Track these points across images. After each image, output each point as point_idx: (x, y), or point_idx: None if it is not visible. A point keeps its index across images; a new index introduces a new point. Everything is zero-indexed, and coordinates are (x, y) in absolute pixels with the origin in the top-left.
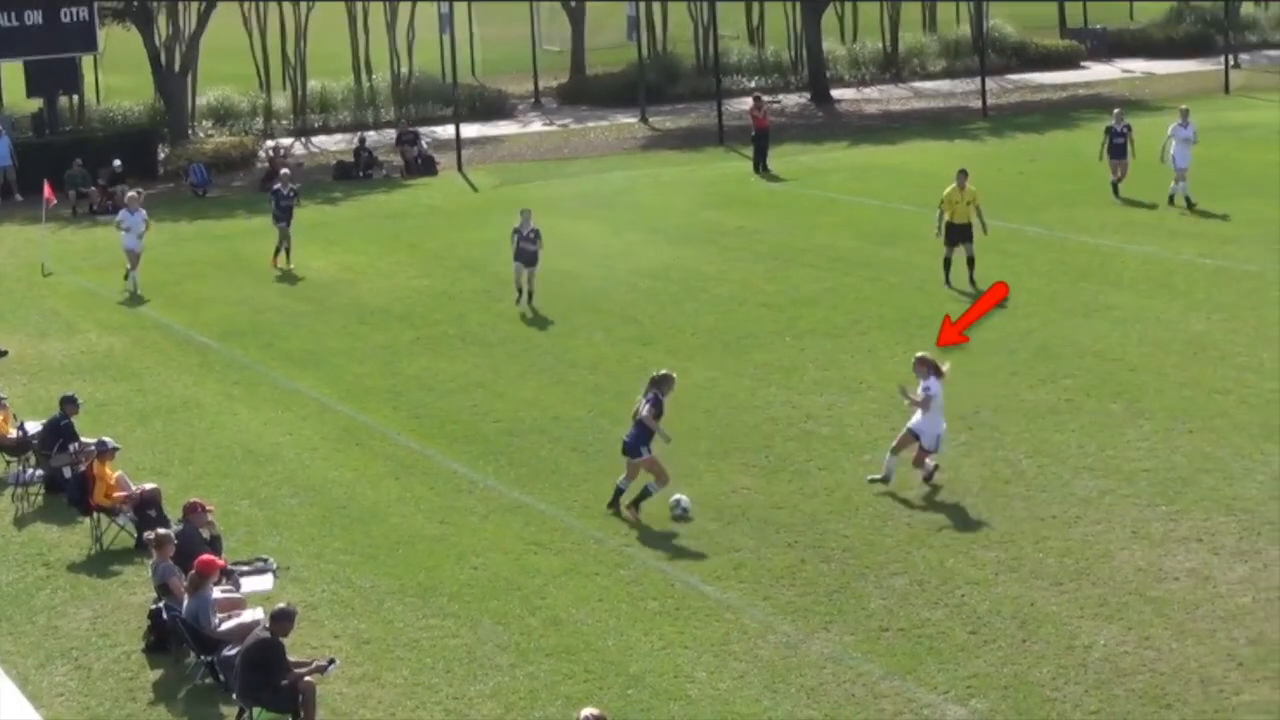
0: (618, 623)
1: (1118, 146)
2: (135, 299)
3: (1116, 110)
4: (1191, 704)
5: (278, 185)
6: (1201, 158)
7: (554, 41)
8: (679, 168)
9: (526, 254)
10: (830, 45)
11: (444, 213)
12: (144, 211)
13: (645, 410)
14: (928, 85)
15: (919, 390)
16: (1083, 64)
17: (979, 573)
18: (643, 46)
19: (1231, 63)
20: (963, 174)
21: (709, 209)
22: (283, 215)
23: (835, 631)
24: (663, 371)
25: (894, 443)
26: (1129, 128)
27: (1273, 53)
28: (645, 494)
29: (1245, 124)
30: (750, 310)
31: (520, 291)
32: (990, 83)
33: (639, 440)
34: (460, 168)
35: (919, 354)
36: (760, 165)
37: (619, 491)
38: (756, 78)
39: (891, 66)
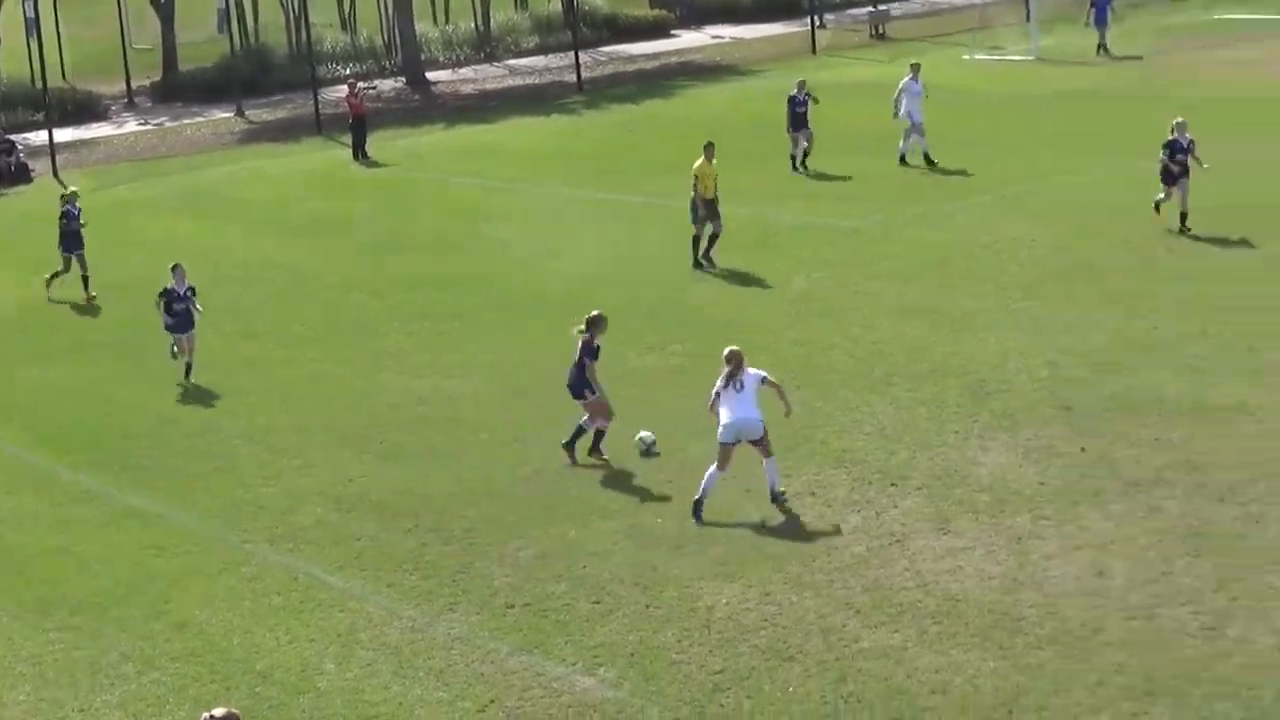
0: (243, 621)
1: (799, 116)
2: None
3: (800, 80)
4: (813, 654)
5: (68, 206)
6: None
7: (144, 39)
8: (278, 159)
9: (182, 318)
10: (423, 28)
11: (41, 220)
12: None
13: (586, 361)
14: (522, 62)
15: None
16: (673, 32)
17: (600, 543)
18: (234, 39)
19: (817, 24)
20: (710, 146)
21: (311, 199)
22: (74, 241)
23: (461, 612)
24: (595, 313)
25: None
26: (809, 96)
27: (856, 11)
28: (580, 432)
29: (833, 83)
30: (358, 298)
31: (177, 357)
32: (584, 56)
33: (582, 383)
34: (55, 173)
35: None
36: (359, 152)
37: (579, 433)
38: (351, 64)
39: (485, 46)
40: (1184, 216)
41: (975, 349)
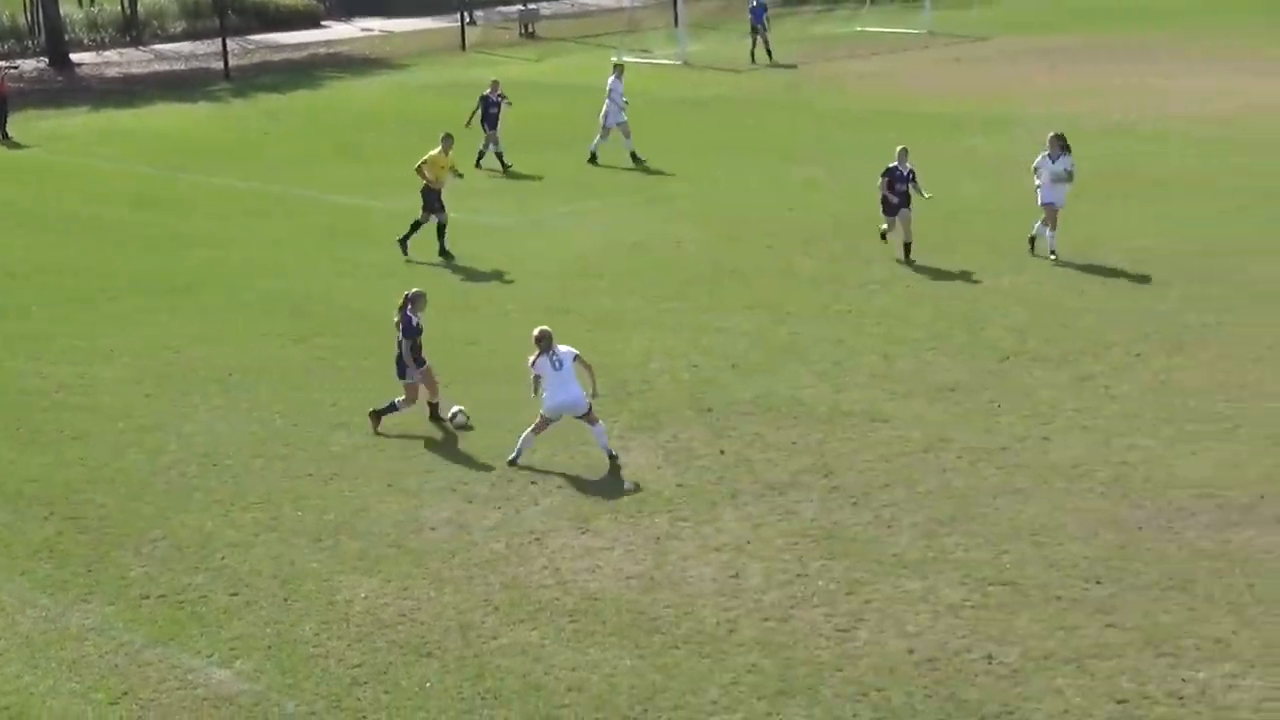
0: None
1: (492, 116)
2: None
3: (494, 80)
4: (451, 650)
5: None
6: (444, 114)
7: None
8: None
9: None
10: (68, 9)
11: None
12: None
13: (401, 340)
14: (169, 47)
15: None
16: (323, 23)
17: (238, 534)
18: None
19: (468, 20)
20: (448, 138)
21: None
22: None
23: (95, 602)
24: (414, 290)
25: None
26: (503, 98)
27: (506, 9)
28: (392, 408)
29: (482, 81)
30: None
31: None
32: (232, 44)
33: (401, 363)
34: None
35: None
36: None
37: (433, 407)
38: None
39: (131, 29)
40: (907, 247)
41: (620, 348)
